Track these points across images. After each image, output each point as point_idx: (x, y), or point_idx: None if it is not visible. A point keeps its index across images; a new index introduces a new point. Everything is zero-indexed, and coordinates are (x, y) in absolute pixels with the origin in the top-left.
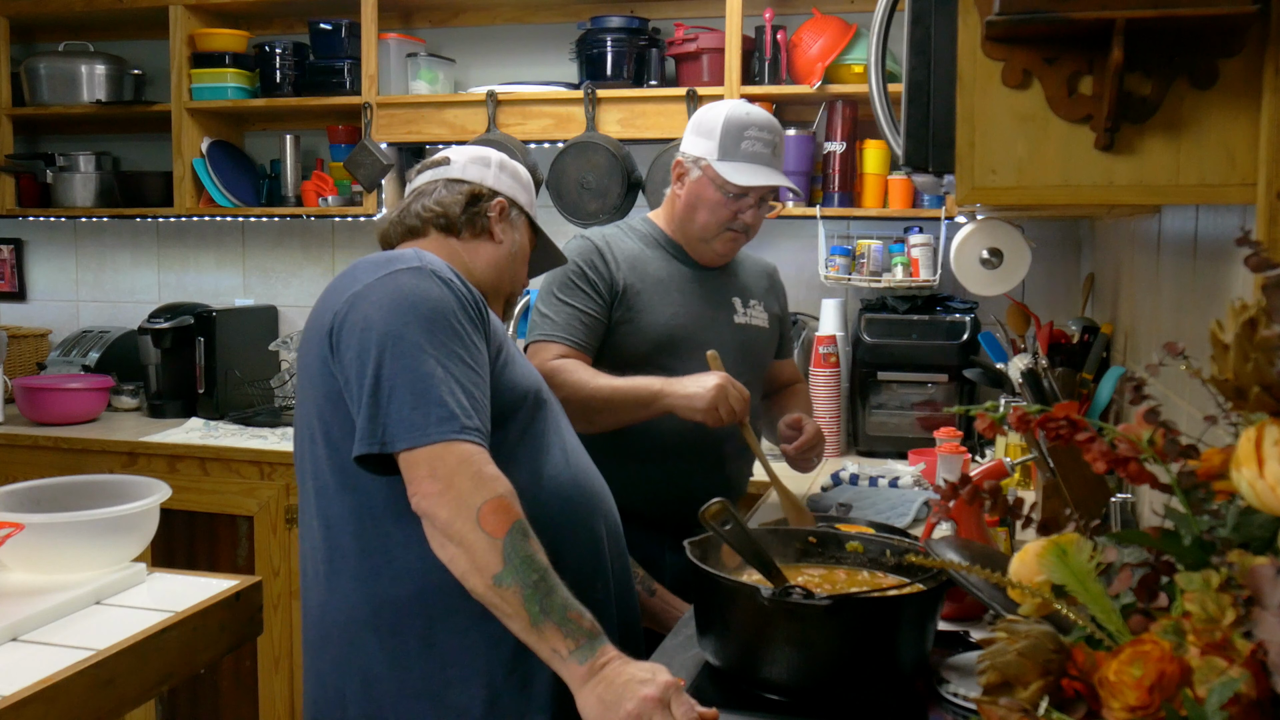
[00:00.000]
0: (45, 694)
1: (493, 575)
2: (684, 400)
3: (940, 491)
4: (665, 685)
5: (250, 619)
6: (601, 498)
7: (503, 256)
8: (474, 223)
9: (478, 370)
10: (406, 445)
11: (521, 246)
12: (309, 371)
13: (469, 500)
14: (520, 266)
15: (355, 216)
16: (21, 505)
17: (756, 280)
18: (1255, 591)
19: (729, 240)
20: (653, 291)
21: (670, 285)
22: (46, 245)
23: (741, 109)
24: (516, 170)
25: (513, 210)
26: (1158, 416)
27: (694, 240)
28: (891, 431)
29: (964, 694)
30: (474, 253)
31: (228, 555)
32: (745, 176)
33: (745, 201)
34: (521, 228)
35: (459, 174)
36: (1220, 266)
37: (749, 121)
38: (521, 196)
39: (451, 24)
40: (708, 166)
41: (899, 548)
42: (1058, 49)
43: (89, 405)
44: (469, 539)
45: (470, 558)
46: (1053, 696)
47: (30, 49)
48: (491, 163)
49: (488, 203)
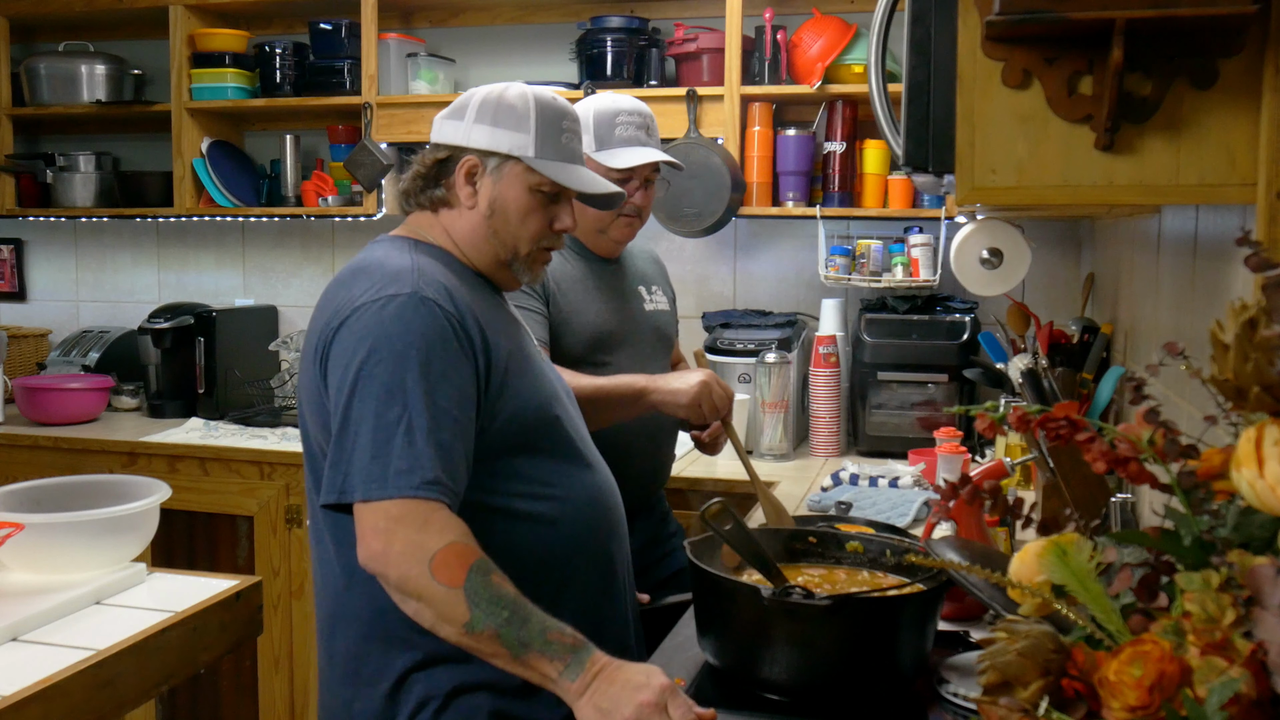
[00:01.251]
0: (45, 694)
1: (463, 624)
2: (669, 396)
3: (940, 491)
4: (661, 689)
5: (250, 619)
6: (616, 505)
7: (477, 221)
8: (437, 196)
9: (456, 411)
10: (362, 497)
11: (507, 200)
12: (306, 391)
13: (418, 556)
14: (514, 221)
15: (355, 216)
16: (21, 505)
17: (649, 266)
18: (1255, 591)
19: (623, 226)
20: (575, 291)
21: (589, 284)
22: (46, 245)
23: (608, 99)
24: (501, 105)
25: (488, 163)
26: (1158, 416)
27: (590, 233)
28: (891, 431)
29: (964, 694)
30: (453, 224)
31: (228, 555)
32: (624, 159)
33: (631, 184)
34: (509, 177)
35: (434, 137)
36: (1220, 266)
37: (618, 109)
38: (503, 141)
39: (451, 24)
40: (589, 159)
41: (899, 548)
42: (1058, 49)
43: (89, 405)
44: (428, 593)
45: (435, 611)
46: (1053, 696)
47: (30, 49)
48: (468, 109)
49: (454, 164)
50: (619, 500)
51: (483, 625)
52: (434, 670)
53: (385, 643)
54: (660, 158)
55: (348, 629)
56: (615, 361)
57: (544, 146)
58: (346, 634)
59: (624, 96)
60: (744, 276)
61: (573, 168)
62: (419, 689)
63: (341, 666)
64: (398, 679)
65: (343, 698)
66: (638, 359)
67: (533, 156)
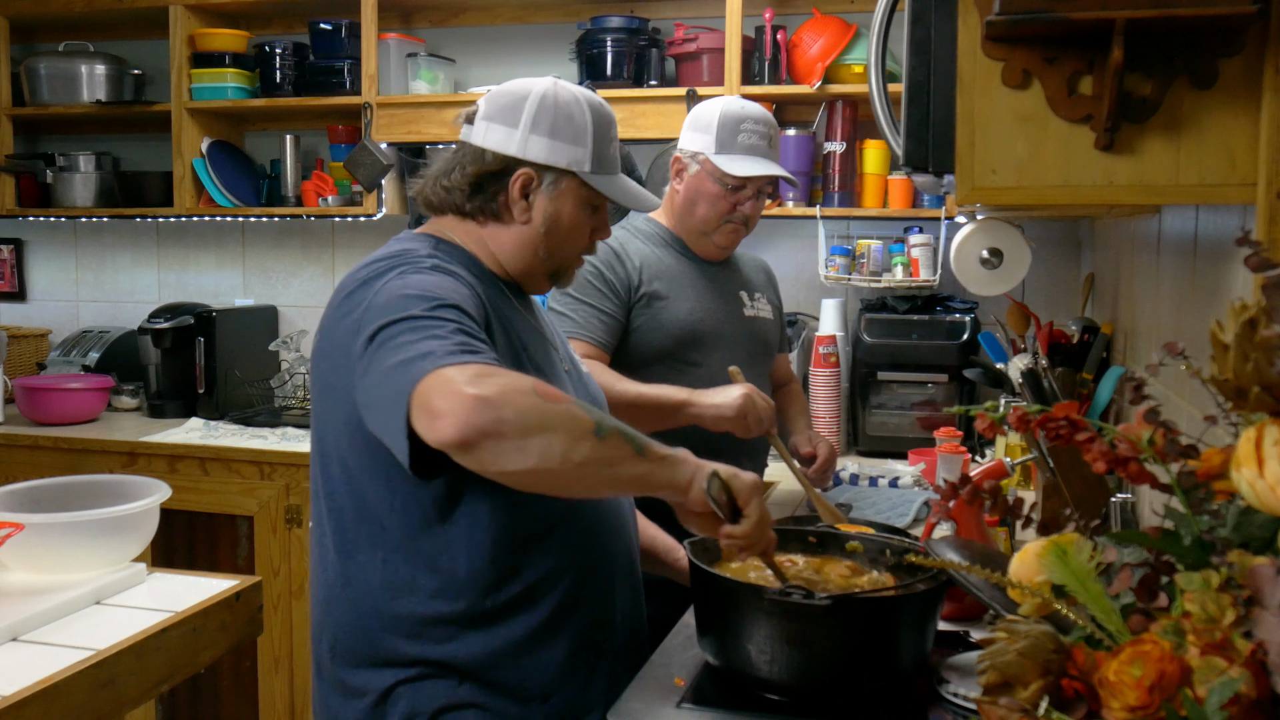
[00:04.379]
0: (45, 694)
1: (592, 431)
2: (712, 410)
3: (940, 491)
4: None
5: (250, 619)
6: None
7: (530, 237)
8: (486, 208)
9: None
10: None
11: (561, 216)
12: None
13: (521, 388)
14: (567, 238)
15: (355, 216)
16: (21, 505)
17: (755, 274)
18: (1255, 591)
19: (729, 233)
20: (670, 289)
21: (684, 281)
22: (46, 245)
23: (736, 104)
24: (559, 113)
25: (546, 177)
26: (1158, 416)
27: (694, 234)
28: (891, 431)
29: (964, 694)
30: (496, 237)
31: (228, 555)
32: (743, 167)
33: (743, 193)
34: (565, 192)
35: (480, 140)
36: (1220, 266)
37: (744, 115)
38: (562, 155)
39: (451, 24)
40: (706, 160)
41: (899, 548)
42: (1058, 49)
43: (89, 405)
44: (550, 416)
45: (564, 430)
46: (1053, 696)
47: (30, 49)
48: (522, 115)
49: (508, 178)
50: (624, 508)
51: (608, 426)
52: (421, 685)
53: (373, 653)
54: (779, 172)
55: (337, 635)
56: (708, 363)
57: (599, 160)
58: (335, 640)
59: (752, 104)
60: None
61: (621, 180)
62: (404, 704)
63: (330, 676)
64: (384, 692)
65: (331, 707)
66: (733, 362)
67: (589, 172)
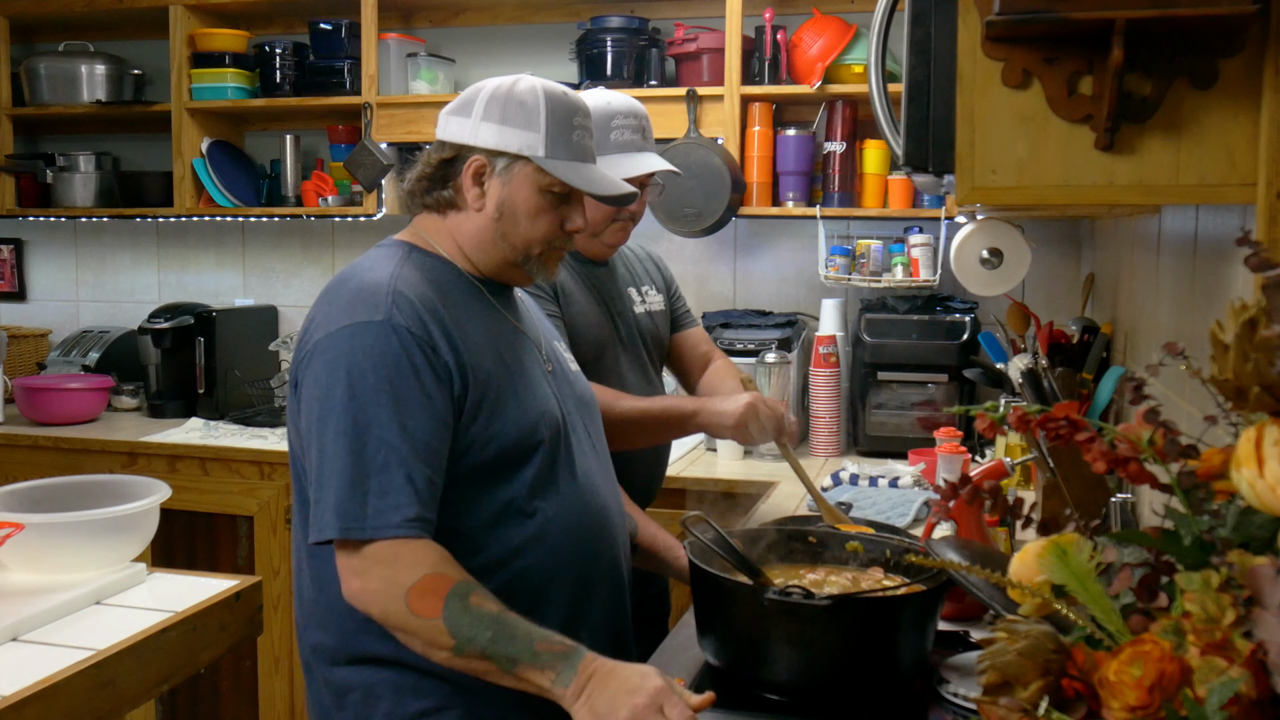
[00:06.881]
0: (45, 694)
1: (449, 650)
2: (715, 418)
3: (940, 491)
4: (655, 690)
5: (250, 619)
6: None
7: (485, 224)
8: (443, 198)
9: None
10: (339, 536)
11: (516, 202)
12: (290, 409)
13: (393, 593)
14: (523, 223)
15: (355, 216)
16: (21, 505)
17: (640, 263)
18: (1255, 591)
19: (618, 231)
20: (575, 298)
21: (577, 293)
22: (46, 245)
23: (599, 100)
24: (511, 101)
25: (496, 163)
26: (1158, 416)
27: (583, 236)
28: (891, 431)
29: (964, 694)
30: (459, 227)
31: (228, 555)
32: (623, 167)
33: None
34: (518, 177)
35: (440, 133)
36: (1220, 266)
37: (612, 111)
38: (512, 140)
39: (451, 24)
40: None
41: (899, 548)
42: (1058, 49)
43: (89, 405)
44: (410, 626)
45: (421, 640)
46: (1053, 696)
47: (30, 49)
48: (475, 105)
49: (461, 165)
50: (609, 510)
51: (468, 648)
52: (401, 685)
53: (351, 652)
54: (661, 166)
55: (317, 636)
56: (617, 369)
57: (555, 145)
58: (317, 641)
59: (618, 95)
60: (744, 277)
61: (585, 167)
62: (386, 703)
63: (317, 674)
64: (366, 690)
65: (321, 704)
66: (637, 364)
67: (543, 156)
